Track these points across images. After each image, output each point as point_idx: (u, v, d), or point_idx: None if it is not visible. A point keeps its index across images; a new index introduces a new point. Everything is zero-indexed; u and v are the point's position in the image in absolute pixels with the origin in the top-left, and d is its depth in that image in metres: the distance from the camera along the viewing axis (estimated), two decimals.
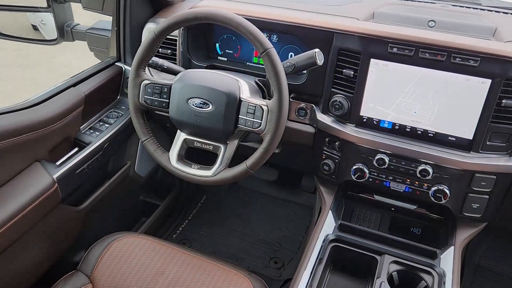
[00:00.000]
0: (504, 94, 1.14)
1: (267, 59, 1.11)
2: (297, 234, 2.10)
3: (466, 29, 1.25)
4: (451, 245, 1.30)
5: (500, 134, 1.19)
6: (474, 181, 1.25)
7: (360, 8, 1.39)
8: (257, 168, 1.19)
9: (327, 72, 1.31)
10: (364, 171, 1.34)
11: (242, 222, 2.16)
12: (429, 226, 1.42)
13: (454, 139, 1.23)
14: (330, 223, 1.36)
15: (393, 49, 1.20)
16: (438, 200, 1.28)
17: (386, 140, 1.28)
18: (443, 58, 1.15)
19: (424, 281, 1.20)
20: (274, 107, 1.13)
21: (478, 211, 1.29)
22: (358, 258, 1.28)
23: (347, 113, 1.31)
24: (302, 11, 1.38)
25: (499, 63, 1.12)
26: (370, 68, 1.23)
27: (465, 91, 1.16)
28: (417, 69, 1.19)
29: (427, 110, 1.22)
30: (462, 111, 1.19)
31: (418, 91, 1.21)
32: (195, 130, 1.25)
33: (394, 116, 1.27)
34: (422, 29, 1.25)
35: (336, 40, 1.27)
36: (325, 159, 1.41)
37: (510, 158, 1.21)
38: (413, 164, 1.27)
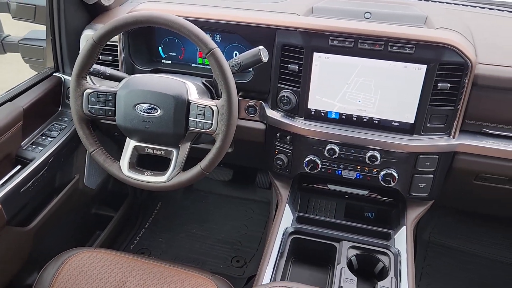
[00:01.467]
0: (439, 78, 1.20)
1: (213, 60, 1.11)
2: (257, 230, 2.11)
3: (399, 18, 1.32)
4: (403, 225, 1.36)
5: (439, 116, 1.26)
6: (418, 162, 1.31)
7: (299, 4, 1.42)
8: (211, 169, 1.18)
9: (273, 68, 1.33)
10: (317, 162, 1.37)
11: (201, 224, 2.15)
12: (382, 209, 1.49)
13: (398, 124, 1.28)
14: (288, 216, 1.38)
15: (334, 42, 1.23)
16: (388, 183, 1.34)
17: (335, 130, 1.32)
18: (381, 47, 1.21)
19: (381, 262, 1.25)
20: (224, 106, 1.13)
21: (424, 190, 1.37)
22: (318, 247, 1.31)
23: (296, 107, 1.34)
24: (244, 9, 1.39)
25: (432, 49, 1.18)
26: (314, 61, 1.26)
27: (404, 78, 1.22)
28: (358, 59, 1.24)
29: (370, 99, 1.27)
30: (403, 97, 1.25)
31: (361, 80, 1.25)
32: (145, 136, 1.22)
33: (340, 107, 1.31)
34: (359, 20, 1.30)
35: (279, 36, 1.29)
36: (278, 154, 1.43)
37: (449, 137, 1.28)
38: (362, 151, 1.32)
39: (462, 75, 1.19)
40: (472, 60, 1.18)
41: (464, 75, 1.19)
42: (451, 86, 1.20)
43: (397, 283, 1.16)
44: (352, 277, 1.17)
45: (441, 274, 1.91)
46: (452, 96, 1.22)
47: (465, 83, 1.20)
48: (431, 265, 1.94)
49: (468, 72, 1.19)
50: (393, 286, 1.15)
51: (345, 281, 1.16)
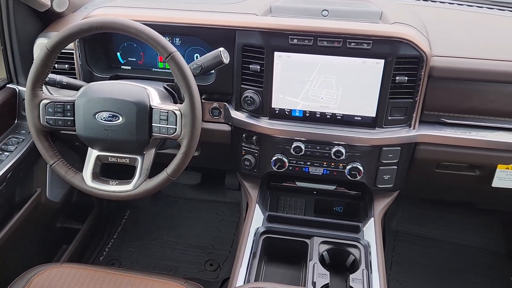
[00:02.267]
0: (396, 71, 1.24)
1: (173, 63, 1.10)
2: (228, 232, 2.10)
3: (356, 15, 1.34)
4: (371, 217, 1.39)
5: (399, 108, 1.29)
6: (382, 155, 1.34)
7: (257, 4, 1.42)
8: (178, 174, 1.17)
9: (235, 69, 1.33)
10: (284, 161, 1.38)
11: (171, 230, 2.12)
12: (350, 202, 1.51)
13: (360, 118, 1.31)
14: (258, 216, 1.38)
15: (293, 41, 1.24)
16: (354, 177, 1.36)
17: (300, 128, 1.33)
18: (339, 44, 1.22)
19: (352, 254, 1.27)
20: (187, 110, 1.11)
21: (389, 181, 1.40)
22: (290, 245, 1.32)
23: (260, 107, 1.34)
24: (202, 11, 1.38)
25: (389, 43, 1.21)
26: (275, 61, 1.27)
27: (363, 73, 1.25)
28: (318, 57, 1.25)
29: (332, 95, 1.29)
30: (363, 91, 1.27)
31: (322, 78, 1.27)
32: (107, 145, 1.19)
33: (303, 104, 1.32)
34: (318, 18, 1.32)
35: (239, 37, 1.29)
36: (245, 155, 1.43)
37: (410, 129, 1.32)
38: (327, 147, 1.34)
39: (418, 67, 1.23)
40: (427, 53, 1.21)
41: (420, 68, 1.23)
42: (408, 79, 1.24)
43: (368, 274, 1.19)
44: (324, 272, 1.19)
45: (410, 262, 1.96)
46: (410, 88, 1.26)
47: (421, 75, 1.24)
48: (400, 254, 2.00)
49: (424, 65, 1.22)
50: (365, 278, 1.17)
51: (318, 276, 1.18)
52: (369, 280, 1.17)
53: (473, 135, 1.32)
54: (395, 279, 1.88)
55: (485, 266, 1.97)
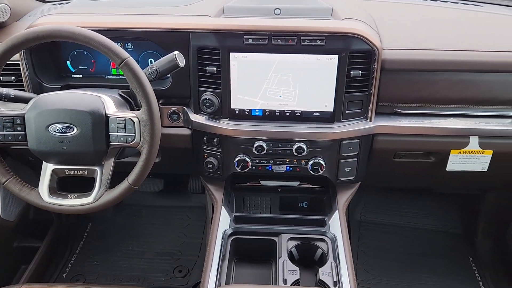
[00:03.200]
0: (350, 66, 1.26)
1: (127, 70, 1.07)
2: (196, 237, 2.08)
3: (307, 12, 1.36)
4: (336, 209, 1.41)
5: (355, 102, 1.32)
6: (342, 148, 1.37)
7: (209, 5, 1.41)
8: (140, 182, 1.14)
9: (191, 72, 1.31)
10: (247, 161, 1.38)
11: (137, 240, 2.07)
12: (314, 197, 1.53)
13: (319, 114, 1.33)
14: (225, 219, 1.38)
15: (248, 40, 1.24)
16: (316, 172, 1.38)
17: (260, 127, 1.34)
18: (294, 42, 1.24)
19: (320, 248, 1.29)
20: (145, 117, 1.09)
21: (351, 173, 1.43)
22: (258, 244, 1.32)
23: (219, 109, 1.33)
24: (154, 15, 1.35)
25: (341, 39, 1.24)
26: (231, 61, 1.26)
27: (319, 69, 1.27)
28: (273, 56, 1.26)
29: (290, 92, 1.30)
30: (320, 87, 1.29)
31: (279, 76, 1.28)
32: (63, 158, 1.15)
33: (262, 103, 1.32)
34: (271, 17, 1.33)
35: (193, 39, 1.27)
36: (207, 158, 1.42)
37: (367, 121, 1.36)
38: (289, 144, 1.35)
39: (371, 61, 1.26)
40: (378, 46, 1.25)
41: (373, 61, 1.26)
42: (362, 72, 1.27)
43: (337, 266, 1.21)
44: (294, 268, 1.20)
45: (375, 250, 2.02)
46: (364, 82, 1.29)
47: (374, 68, 1.27)
48: (365, 243, 2.05)
49: (376, 58, 1.26)
50: (334, 270, 1.19)
51: (288, 273, 1.18)
52: (338, 271, 1.19)
53: (426, 123, 1.38)
54: (362, 268, 1.93)
55: (446, 248, 2.05)
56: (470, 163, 1.44)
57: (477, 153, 1.41)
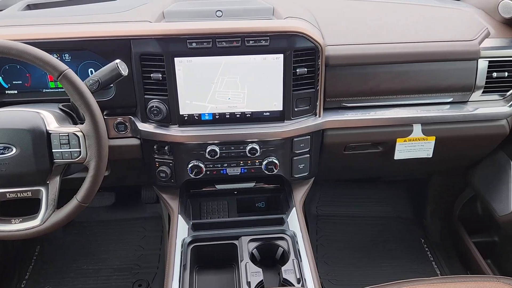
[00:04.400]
0: (296, 64, 1.28)
1: (66, 82, 1.02)
2: (153, 248, 2.03)
3: (249, 13, 1.36)
4: (293, 207, 1.43)
5: (303, 99, 1.34)
6: (294, 145, 1.38)
7: (149, 10, 1.38)
8: (90, 199, 1.09)
9: (135, 80, 1.27)
10: (200, 167, 1.36)
11: (91, 258, 1.98)
12: (271, 196, 1.54)
13: (269, 113, 1.33)
14: (183, 227, 1.35)
15: (192, 45, 1.22)
16: (271, 171, 1.39)
17: (211, 131, 1.32)
18: (238, 43, 1.23)
19: (281, 247, 1.29)
20: (90, 130, 1.04)
21: (304, 170, 1.45)
22: (219, 249, 1.31)
23: (168, 116, 1.30)
24: (90, 23, 1.29)
25: (285, 38, 1.25)
26: (176, 67, 1.24)
27: (265, 69, 1.27)
28: (219, 58, 1.25)
29: (239, 94, 1.30)
30: (268, 87, 1.29)
31: (226, 78, 1.27)
32: (3, 181, 1.07)
33: (212, 107, 1.31)
34: (213, 20, 1.31)
35: (135, 46, 1.23)
36: (159, 167, 1.38)
37: (316, 117, 1.38)
38: (242, 146, 1.35)
39: (315, 58, 1.29)
40: (321, 43, 1.27)
41: (317, 58, 1.29)
42: (308, 70, 1.29)
43: (298, 263, 1.22)
44: (257, 269, 1.19)
45: (333, 242, 2.07)
46: (310, 79, 1.31)
47: (319, 65, 1.30)
48: (323, 236, 2.09)
49: (320, 55, 1.28)
50: (296, 267, 1.20)
51: (252, 275, 1.18)
52: (300, 268, 1.21)
53: (372, 115, 1.42)
54: (322, 260, 1.97)
55: (399, 232, 2.14)
56: (415, 150, 1.50)
57: (421, 140, 1.47)
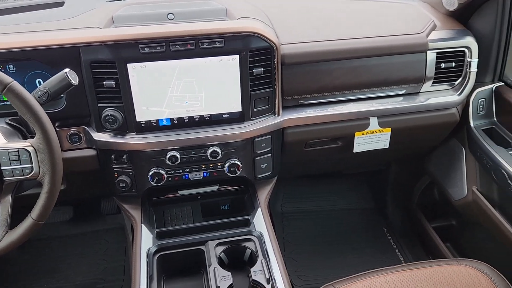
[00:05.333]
0: (252, 64, 1.27)
1: (12, 96, 0.96)
2: (117, 260, 1.97)
3: (202, 14, 1.34)
4: (258, 207, 1.42)
5: (262, 99, 1.34)
6: (256, 146, 1.38)
7: (97, 16, 1.33)
8: (46, 216, 1.04)
9: (87, 89, 1.23)
10: (161, 174, 1.33)
11: (52, 276, 1.89)
12: (235, 198, 1.53)
13: (228, 115, 1.32)
14: (147, 237, 1.31)
15: (144, 49, 1.19)
16: (234, 173, 1.38)
17: (171, 136, 1.30)
18: (193, 46, 1.21)
19: (249, 248, 1.29)
20: (41, 144, 0.99)
21: (267, 169, 1.45)
22: (186, 256, 1.28)
23: (124, 124, 1.26)
24: (35, 31, 1.23)
25: (240, 39, 1.24)
26: (130, 73, 1.20)
27: (222, 71, 1.26)
28: (174, 62, 1.22)
29: (197, 97, 1.28)
30: (225, 89, 1.28)
31: (183, 82, 1.25)
32: None
33: (169, 112, 1.28)
34: (165, 23, 1.28)
35: (84, 54, 1.19)
36: (118, 177, 1.34)
37: (275, 116, 1.38)
38: (203, 150, 1.33)
39: (271, 57, 1.29)
40: (276, 42, 1.27)
41: (273, 58, 1.29)
42: (264, 70, 1.29)
43: (267, 263, 1.22)
44: (226, 273, 1.18)
45: (299, 238, 2.08)
46: (267, 78, 1.31)
47: (275, 64, 1.30)
48: (289, 233, 2.10)
49: (275, 54, 1.28)
50: (265, 267, 1.19)
51: (221, 279, 1.16)
52: (269, 268, 1.20)
53: (329, 110, 1.44)
54: (290, 258, 1.98)
55: (362, 223, 2.19)
56: (373, 142, 1.54)
57: (378, 132, 1.51)
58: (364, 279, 1.19)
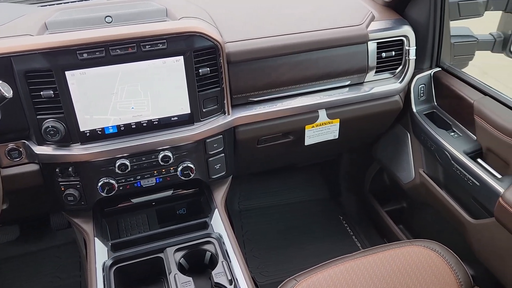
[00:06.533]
0: (198, 64, 1.25)
1: None
2: (72, 275, 1.88)
3: (141, 16, 1.30)
4: (215, 208, 1.41)
5: (210, 99, 1.32)
6: (208, 147, 1.36)
7: (29, 22, 1.25)
8: None
9: (23, 101, 1.15)
10: (111, 183, 1.28)
11: None
12: (191, 201, 1.50)
13: (177, 118, 1.29)
14: (101, 250, 1.26)
15: (83, 56, 1.14)
16: (187, 176, 1.36)
17: (118, 144, 1.25)
18: (134, 49, 1.17)
19: (208, 251, 1.27)
20: None
21: (221, 170, 1.44)
22: (144, 266, 1.25)
23: (67, 135, 1.20)
24: None
25: (183, 39, 1.21)
26: (69, 81, 1.14)
27: (167, 73, 1.23)
28: (116, 67, 1.18)
29: (143, 102, 1.24)
30: (172, 91, 1.25)
31: (127, 87, 1.20)
32: None
33: (115, 119, 1.23)
34: (102, 27, 1.23)
35: (17, 64, 1.11)
36: (65, 190, 1.27)
37: (226, 115, 1.37)
38: (153, 155, 1.29)
39: (216, 57, 1.27)
40: (220, 41, 1.26)
41: (218, 57, 1.27)
42: (210, 69, 1.27)
43: (228, 264, 1.21)
44: (187, 279, 1.16)
45: (259, 234, 2.09)
46: (215, 78, 1.30)
47: (221, 63, 1.28)
48: (248, 231, 2.10)
49: (221, 53, 1.27)
50: (226, 269, 1.19)
51: (182, 286, 1.14)
52: (231, 269, 1.20)
53: (279, 106, 1.45)
54: (251, 255, 1.98)
55: (319, 213, 2.23)
56: (323, 134, 1.56)
57: (327, 123, 1.54)
58: (324, 269, 1.21)
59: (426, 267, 1.20)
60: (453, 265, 1.21)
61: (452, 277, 1.19)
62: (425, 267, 1.20)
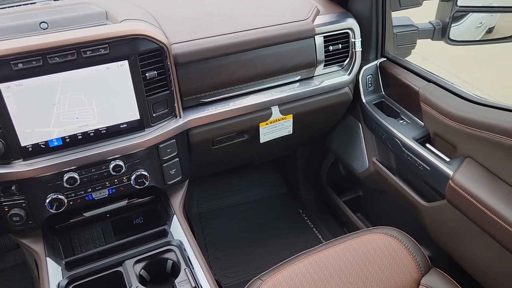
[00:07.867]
0: (144, 68, 1.20)
1: None
2: None
3: (80, 20, 1.24)
4: (173, 214, 1.37)
5: (160, 103, 1.28)
6: (161, 152, 1.32)
7: None
8: None
9: None
10: (60, 199, 1.21)
11: None
12: (148, 210, 1.46)
13: (126, 125, 1.24)
14: (54, 270, 1.19)
15: (18, 66, 1.06)
16: (142, 184, 1.31)
17: (65, 157, 1.18)
18: (74, 56, 1.11)
19: (170, 259, 1.24)
20: None
21: (177, 174, 1.40)
22: (103, 282, 1.19)
23: (7, 151, 1.12)
24: None
25: (126, 43, 1.16)
26: (4, 94, 1.06)
27: (112, 79, 1.17)
28: (55, 76, 1.11)
29: (88, 111, 1.18)
30: (119, 98, 1.20)
31: (69, 96, 1.14)
32: None
33: (59, 131, 1.16)
34: (38, 34, 1.16)
35: None
36: (10, 211, 1.19)
37: (177, 119, 1.33)
38: (104, 166, 1.24)
39: (163, 59, 1.23)
40: (166, 43, 1.22)
41: (165, 59, 1.23)
42: (158, 72, 1.22)
43: (191, 271, 1.18)
44: None
45: (220, 235, 2.07)
46: (163, 81, 1.26)
47: (168, 65, 1.24)
48: (210, 233, 2.08)
49: (167, 55, 1.23)
50: (189, 276, 1.16)
51: None
52: (194, 275, 1.17)
53: (231, 105, 1.43)
54: (214, 257, 1.96)
55: (279, 208, 2.24)
56: (277, 130, 1.56)
57: (281, 120, 1.54)
58: (288, 265, 1.21)
59: (386, 253, 1.23)
60: (411, 248, 1.25)
61: (411, 260, 1.23)
62: (385, 254, 1.23)
